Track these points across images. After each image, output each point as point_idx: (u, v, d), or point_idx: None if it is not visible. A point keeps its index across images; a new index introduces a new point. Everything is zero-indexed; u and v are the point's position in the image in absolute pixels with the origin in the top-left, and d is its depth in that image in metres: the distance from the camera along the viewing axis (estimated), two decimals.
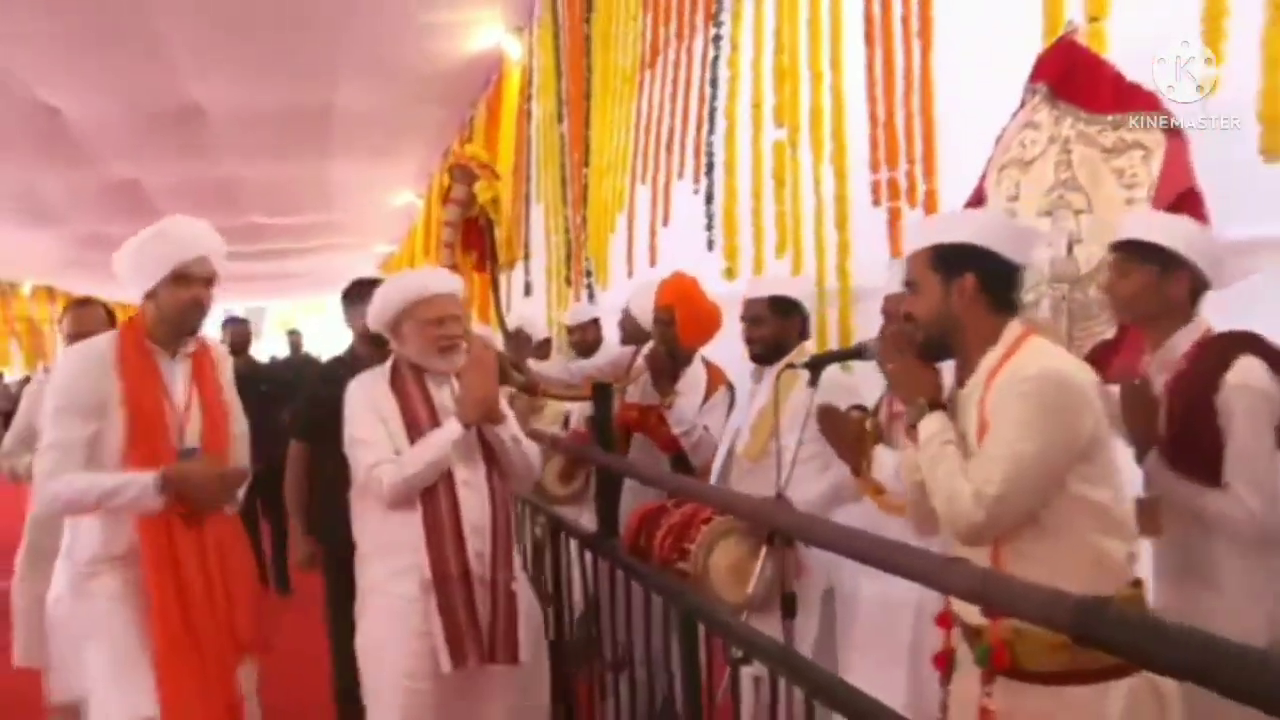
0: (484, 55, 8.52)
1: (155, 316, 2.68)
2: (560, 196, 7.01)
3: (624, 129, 5.68)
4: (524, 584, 2.76)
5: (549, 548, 3.40)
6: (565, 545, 3.32)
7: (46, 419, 2.58)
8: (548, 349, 5.48)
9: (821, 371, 2.24)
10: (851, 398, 2.63)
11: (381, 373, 2.74)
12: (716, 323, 3.67)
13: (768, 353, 2.94)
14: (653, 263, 5.26)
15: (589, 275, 6.34)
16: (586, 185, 6.38)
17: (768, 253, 4.25)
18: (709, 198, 4.65)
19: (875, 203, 3.66)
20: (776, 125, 4.16)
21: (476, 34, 8.13)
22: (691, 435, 3.28)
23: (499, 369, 2.81)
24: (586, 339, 4.88)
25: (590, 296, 6.20)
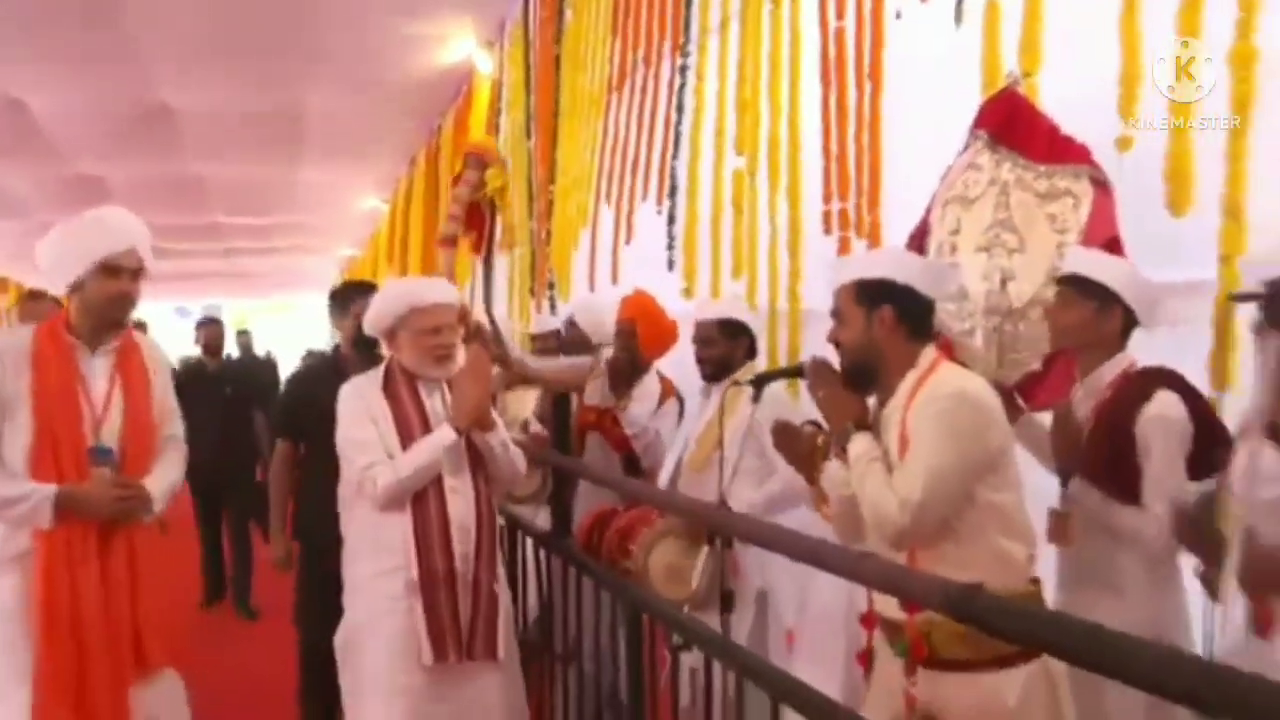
0: (455, 68, 8.65)
1: (80, 309, 2.59)
2: (526, 210, 7.17)
3: (590, 148, 5.86)
4: (504, 586, 2.85)
5: (506, 546, 3.55)
6: (522, 543, 3.48)
7: None
8: None
9: (764, 388, 2.44)
10: (792, 413, 2.83)
11: (375, 377, 2.79)
12: (674, 337, 3.87)
13: (716, 371, 3.13)
14: (614, 279, 5.43)
15: (551, 288, 6.50)
16: (552, 200, 6.55)
17: (724, 275, 4.46)
18: (671, 219, 4.84)
19: (826, 231, 3.86)
20: (737, 153, 4.36)
21: (448, 47, 8.26)
22: (643, 437, 3.46)
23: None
24: (548, 347, 5.06)
25: (552, 308, 6.37)
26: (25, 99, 8.72)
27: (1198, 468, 2.26)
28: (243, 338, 12.76)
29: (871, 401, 2.20)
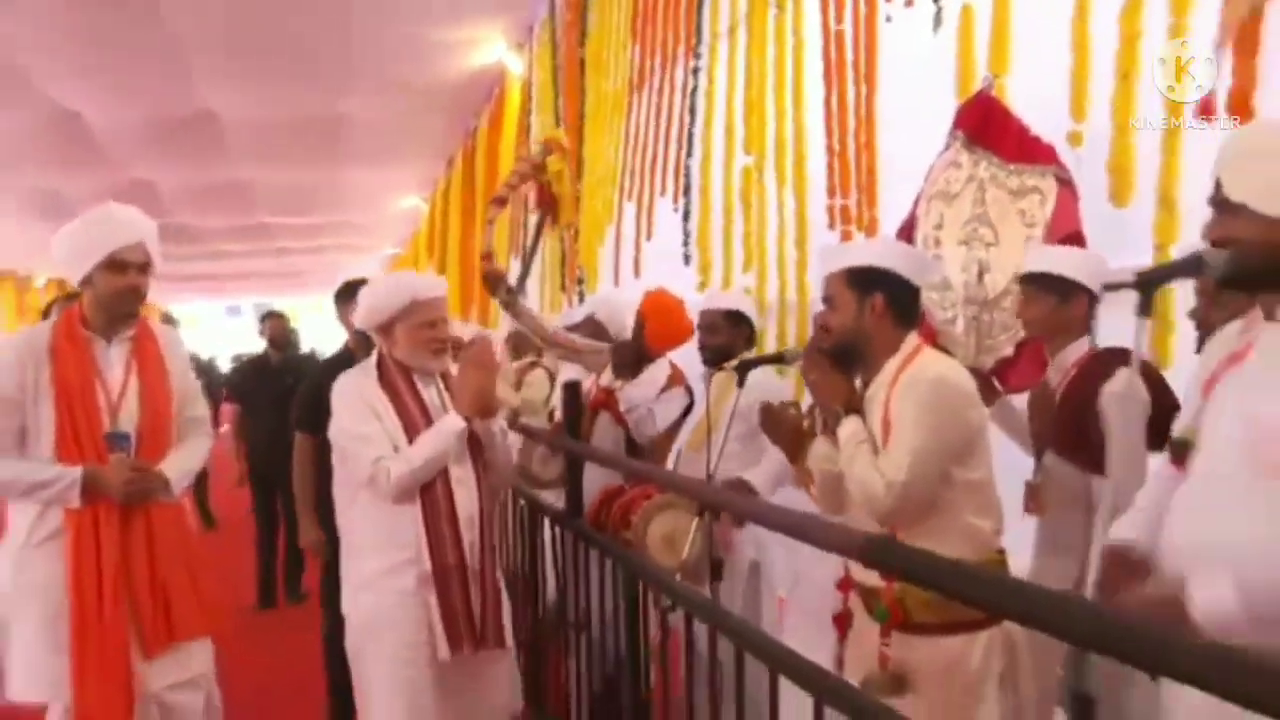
0: (487, 70, 8.93)
1: (92, 303, 2.69)
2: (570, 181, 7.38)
3: (614, 147, 6.09)
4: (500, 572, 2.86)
5: (527, 529, 3.79)
6: (541, 526, 3.72)
7: None
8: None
9: (748, 374, 2.64)
10: (776, 396, 3.01)
11: (368, 371, 2.77)
12: (686, 335, 4.08)
13: (716, 357, 3.33)
14: (636, 273, 5.67)
15: (580, 282, 6.75)
16: (579, 198, 6.78)
17: (736, 268, 4.67)
18: (686, 215, 5.06)
19: (830, 225, 4.05)
20: (746, 152, 4.57)
21: (480, 50, 8.54)
22: (634, 414, 3.68)
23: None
24: None
25: (581, 301, 6.61)
26: (80, 110, 9.15)
27: (1156, 438, 2.43)
28: (291, 335, 13.03)
29: (857, 383, 2.38)
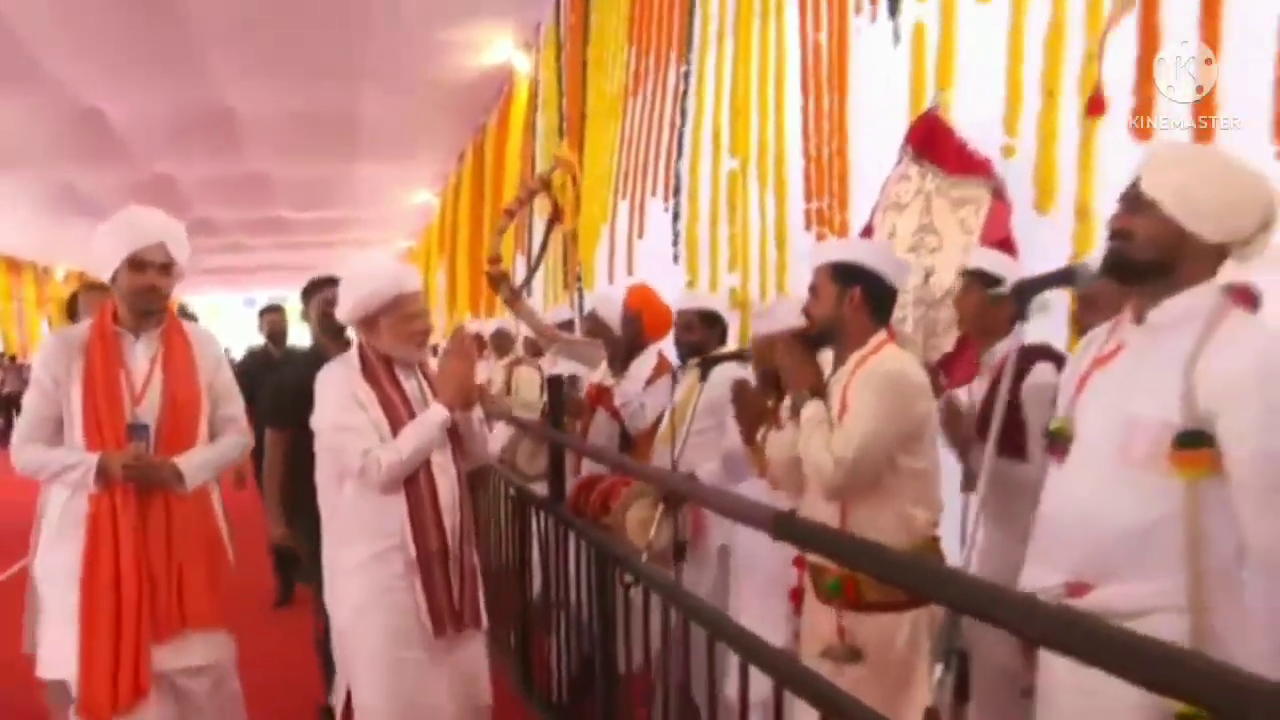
0: (496, 69, 9.14)
1: (119, 300, 2.84)
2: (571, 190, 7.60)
3: (610, 149, 6.29)
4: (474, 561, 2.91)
5: (516, 519, 4.02)
6: (529, 514, 3.94)
7: (28, 392, 2.86)
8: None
9: (711, 369, 2.85)
10: None
11: (349, 362, 2.82)
12: (671, 320, 4.30)
13: (691, 354, 3.55)
14: (630, 271, 5.87)
15: (579, 280, 6.96)
16: (579, 197, 6.99)
17: (722, 267, 4.86)
18: (675, 216, 5.26)
19: (807, 227, 4.24)
20: (731, 156, 4.77)
21: (489, 50, 8.76)
22: (627, 408, 3.90)
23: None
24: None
25: (580, 297, 6.83)
26: (103, 108, 9.44)
27: None
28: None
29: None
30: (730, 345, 3.81)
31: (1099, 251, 1.95)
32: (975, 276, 2.75)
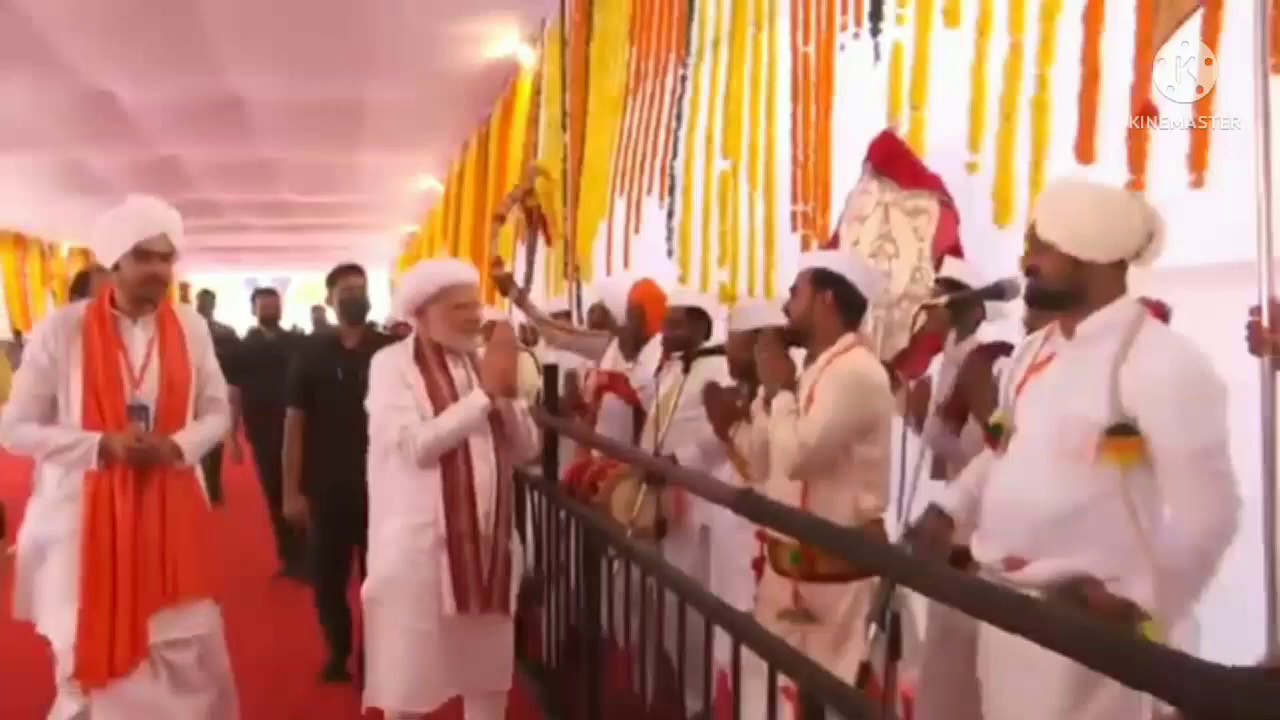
0: (501, 62, 9.31)
1: (119, 286, 2.93)
2: (560, 198, 7.83)
3: (610, 146, 6.51)
4: (516, 545, 3.13)
5: (514, 499, 4.24)
6: (525, 493, 4.17)
7: (21, 370, 2.93)
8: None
9: (692, 363, 3.09)
10: (723, 381, 3.46)
11: (405, 349, 3.03)
12: None
13: (678, 348, 3.78)
14: (626, 265, 6.10)
15: (577, 271, 7.18)
16: (580, 191, 7.21)
17: (712, 263, 5.10)
18: (670, 213, 5.49)
19: (794, 229, 4.48)
20: (724, 157, 5.00)
21: (495, 43, 8.92)
22: (646, 391, 4.14)
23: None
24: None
25: (578, 289, 7.04)
26: (115, 90, 9.63)
27: None
28: (316, 312, 13.28)
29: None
30: (718, 337, 4.06)
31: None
32: (946, 284, 2.99)
